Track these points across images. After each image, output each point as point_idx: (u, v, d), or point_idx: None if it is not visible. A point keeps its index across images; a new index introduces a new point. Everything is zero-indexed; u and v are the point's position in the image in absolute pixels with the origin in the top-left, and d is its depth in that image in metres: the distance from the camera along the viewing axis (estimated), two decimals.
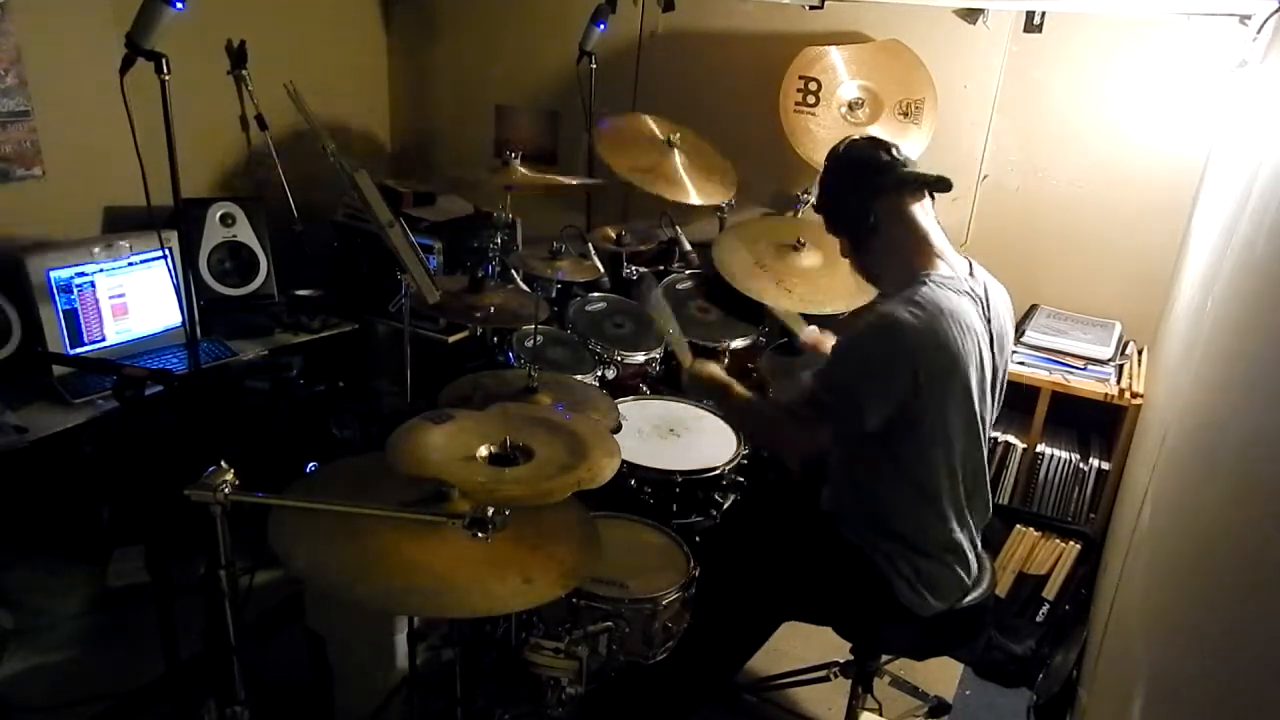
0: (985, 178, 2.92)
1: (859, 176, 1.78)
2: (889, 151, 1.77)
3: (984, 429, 1.79)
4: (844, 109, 2.90)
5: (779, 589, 1.87)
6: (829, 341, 2.30)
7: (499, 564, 1.41)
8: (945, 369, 1.66)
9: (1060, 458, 2.66)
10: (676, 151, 2.86)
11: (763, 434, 2.09)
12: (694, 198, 2.80)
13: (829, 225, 1.86)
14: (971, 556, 1.84)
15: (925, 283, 1.69)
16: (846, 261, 1.91)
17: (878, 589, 1.79)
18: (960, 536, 1.80)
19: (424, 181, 3.47)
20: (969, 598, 1.84)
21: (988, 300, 1.77)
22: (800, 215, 3.09)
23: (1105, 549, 2.56)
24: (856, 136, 1.84)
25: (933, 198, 1.78)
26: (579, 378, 2.40)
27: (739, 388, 1.97)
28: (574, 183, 2.97)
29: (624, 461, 1.81)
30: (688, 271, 2.96)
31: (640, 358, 2.63)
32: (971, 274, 1.79)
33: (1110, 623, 2.05)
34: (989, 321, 1.75)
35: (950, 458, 1.74)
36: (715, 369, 2.07)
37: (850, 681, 2.08)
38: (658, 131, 2.91)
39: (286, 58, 2.83)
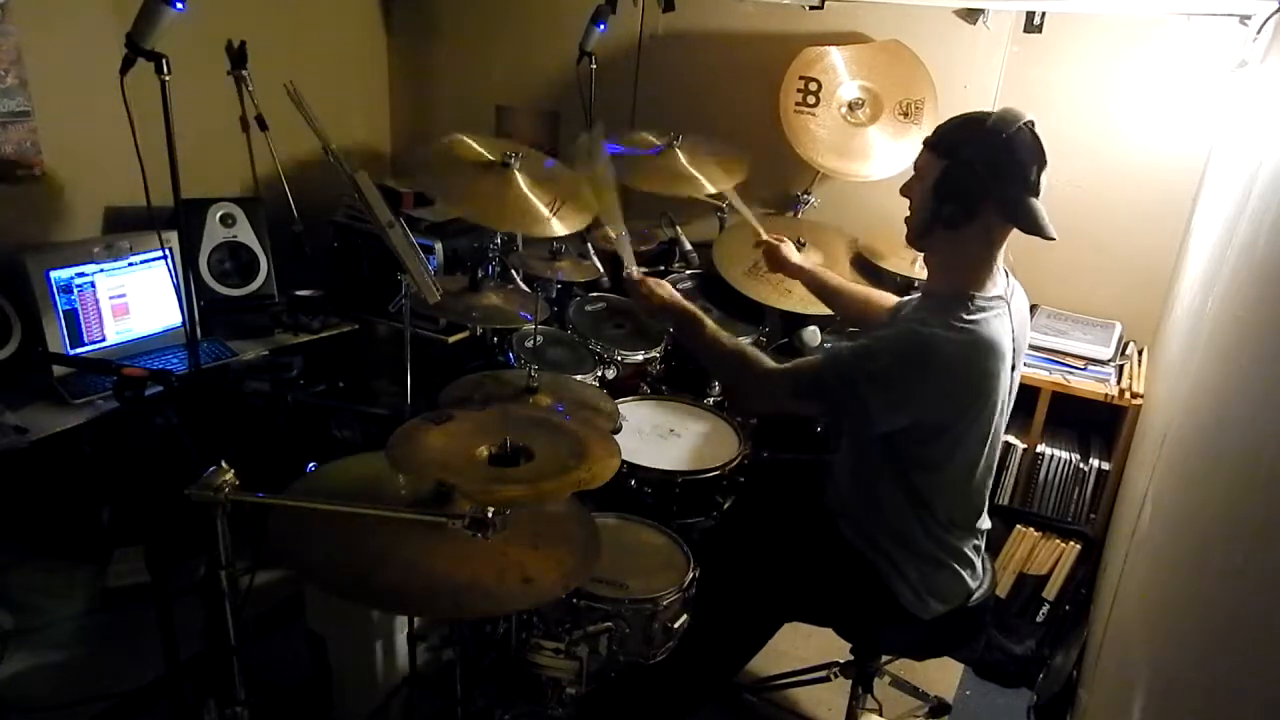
0: None
1: (1009, 171, 1.60)
2: (1040, 171, 1.63)
3: (997, 440, 1.78)
4: (844, 109, 2.90)
5: (780, 591, 1.86)
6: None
7: (499, 564, 1.41)
8: (975, 396, 1.63)
9: (1060, 458, 2.66)
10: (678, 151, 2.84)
11: (730, 371, 1.85)
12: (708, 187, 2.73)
13: (934, 178, 1.64)
14: (976, 560, 1.83)
15: (971, 307, 1.62)
16: (847, 258, 1.88)
17: (879, 592, 1.79)
18: (966, 541, 1.80)
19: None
20: (970, 599, 1.84)
21: (1012, 314, 1.71)
22: (800, 215, 3.09)
23: (1105, 549, 2.55)
24: (1031, 127, 1.62)
25: None
26: (579, 378, 2.40)
27: (699, 313, 1.86)
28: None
29: (624, 462, 1.81)
30: (688, 271, 2.96)
31: (640, 357, 2.63)
32: (1007, 281, 1.74)
33: (1110, 623, 2.05)
34: (1013, 337, 1.71)
35: (961, 471, 1.73)
36: (671, 293, 1.93)
37: (850, 682, 2.08)
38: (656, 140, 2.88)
39: (286, 58, 2.83)
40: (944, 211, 1.64)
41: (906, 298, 2.01)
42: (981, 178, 1.60)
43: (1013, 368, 1.74)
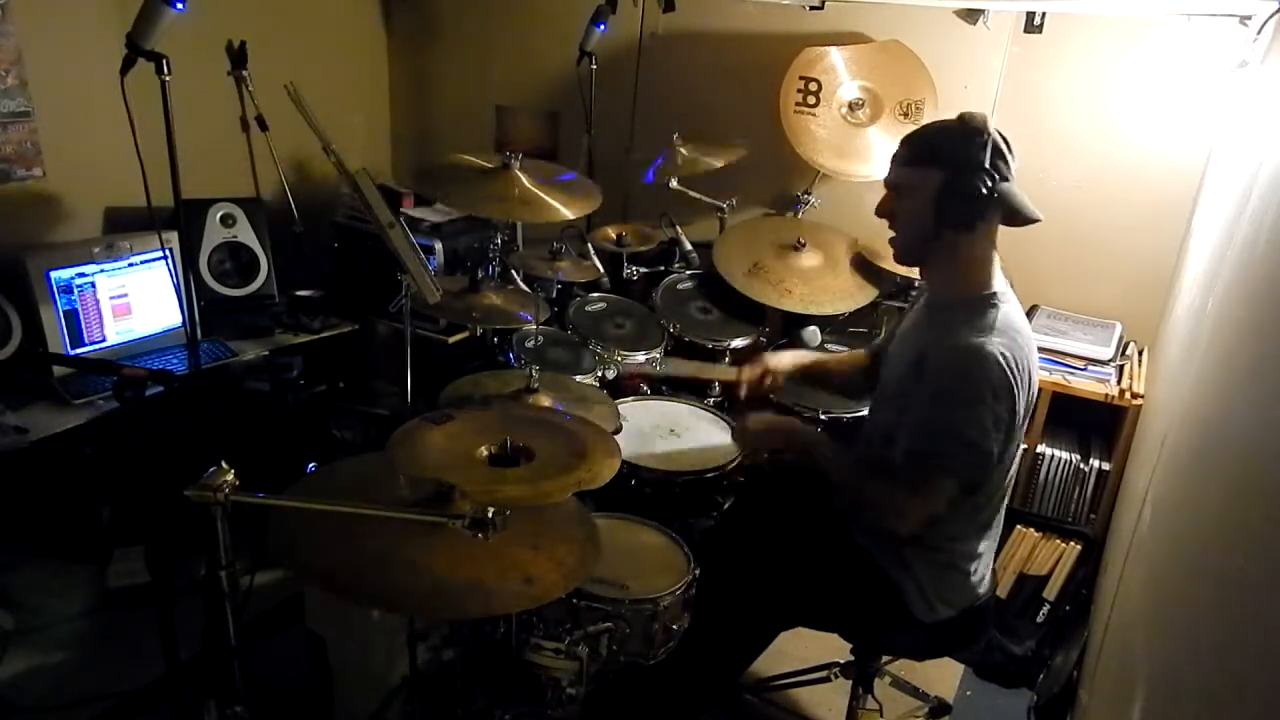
0: None
1: (1002, 169, 1.62)
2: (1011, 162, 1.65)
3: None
4: (844, 109, 2.90)
5: (783, 593, 1.85)
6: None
7: (499, 564, 1.41)
8: (1031, 394, 1.66)
9: (1061, 458, 2.66)
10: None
11: (867, 501, 1.80)
12: None
13: (933, 191, 1.63)
14: (988, 562, 1.83)
15: (996, 305, 1.65)
16: (847, 258, 1.87)
17: (885, 596, 1.78)
18: (985, 545, 1.80)
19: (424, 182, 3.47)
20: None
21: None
22: (801, 215, 3.09)
23: (1106, 550, 2.55)
24: (989, 123, 1.63)
25: None
26: (579, 378, 2.40)
27: (823, 448, 1.83)
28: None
29: (624, 462, 1.81)
30: (688, 272, 2.96)
31: (640, 358, 2.63)
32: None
33: (1111, 623, 2.05)
34: None
35: (1004, 476, 1.74)
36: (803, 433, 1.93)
37: (851, 682, 2.08)
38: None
39: (287, 58, 2.83)
40: (948, 220, 1.64)
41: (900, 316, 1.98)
42: (985, 181, 1.60)
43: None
